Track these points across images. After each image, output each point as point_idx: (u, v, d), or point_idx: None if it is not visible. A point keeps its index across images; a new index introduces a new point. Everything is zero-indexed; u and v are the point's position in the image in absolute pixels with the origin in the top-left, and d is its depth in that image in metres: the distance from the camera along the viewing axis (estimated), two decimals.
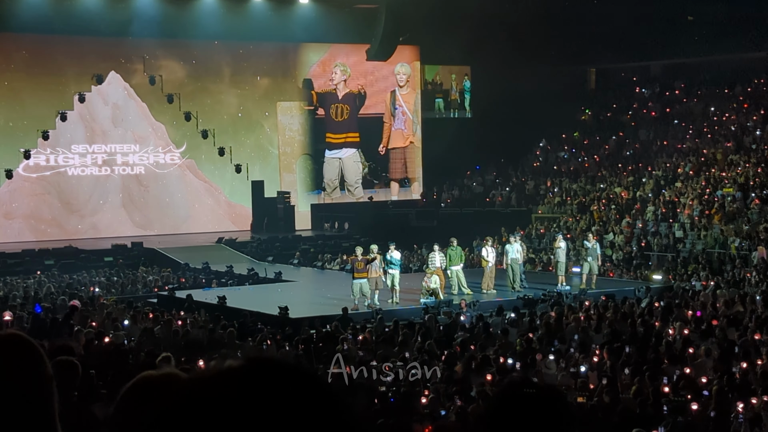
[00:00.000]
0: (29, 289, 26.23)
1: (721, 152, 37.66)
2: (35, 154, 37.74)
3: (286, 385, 1.40)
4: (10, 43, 37.50)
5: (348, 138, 44.21)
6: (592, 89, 50.55)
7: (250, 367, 1.43)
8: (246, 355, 1.47)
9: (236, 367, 1.42)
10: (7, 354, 1.98)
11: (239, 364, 1.43)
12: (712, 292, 23.38)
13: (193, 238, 38.47)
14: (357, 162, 44.47)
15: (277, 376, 1.41)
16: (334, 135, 44.02)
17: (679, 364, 14.38)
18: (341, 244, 36.05)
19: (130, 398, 2.08)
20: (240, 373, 1.42)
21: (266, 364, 1.43)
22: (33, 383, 2.00)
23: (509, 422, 2.29)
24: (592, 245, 26.55)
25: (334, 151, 44.05)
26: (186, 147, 40.90)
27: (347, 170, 44.25)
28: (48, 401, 2.02)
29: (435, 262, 24.83)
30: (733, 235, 30.11)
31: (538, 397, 2.29)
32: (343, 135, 44.12)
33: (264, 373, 1.41)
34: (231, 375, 1.42)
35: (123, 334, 17.34)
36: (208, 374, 1.43)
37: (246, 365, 1.43)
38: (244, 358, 1.44)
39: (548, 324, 18.33)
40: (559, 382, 13.72)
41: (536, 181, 42.12)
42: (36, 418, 1.97)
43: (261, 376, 1.41)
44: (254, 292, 27.28)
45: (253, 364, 1.43)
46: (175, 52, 39.71)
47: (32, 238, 36.92)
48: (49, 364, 2.08)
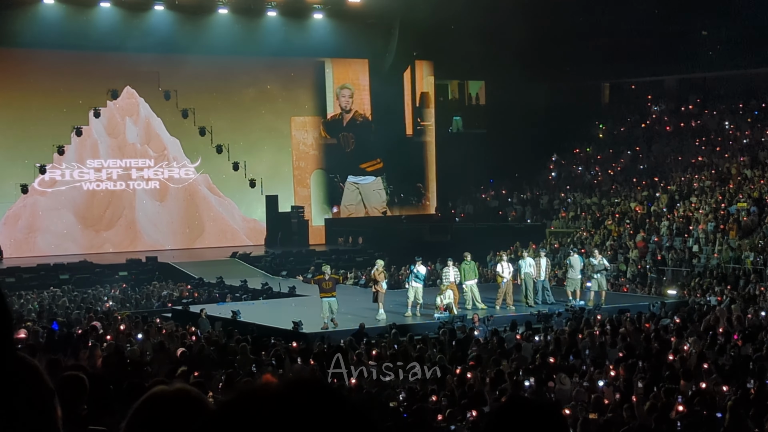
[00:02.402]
0: (44, 303, 26.31)
1: (736, 167, 37.55)
2: (51, 169, 37.93)
3: (320, 407, 1.44)
4: (25, 59, 37.70)
5: (371, 166, 44.31)
6: (606, 104, 50.50)
7: (287, 389, 1.46)
8: (282, 377, 1.51)
9: (274, 388, 1.46)
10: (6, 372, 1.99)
11: (276, 385, 1.47)
12: (727, 307, 23.27)
13: (208, 253, 38.53)
14: (379, 190, 44.45)
15: (313, 398, 1.45)
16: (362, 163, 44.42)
17: (694, 380, 14.31)
18: (355, 259, 36.05)
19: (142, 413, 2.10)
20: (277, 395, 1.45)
21: (302, 386, 1.47)
22: (34, 399, 2.02)
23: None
24: (599, 261, 26.45)
25: (359, 177, 44.16)
26: (200, 162, 41.02)
27: (367, 197, 44.31)
28: (51, 415, 2.05)
29: (449, 276, 24.78)
30: (748, 250, 29.98)
31: (536, 417, 2.30)
32: (366, 164, 44.24)
33: (300, 395, 1.45)
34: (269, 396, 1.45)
35: (137, 349, 17.36)
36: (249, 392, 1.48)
37: (282, 387, 1.46)
38: (280, 381, 1.48)
39: (558, 339, 18.28)
40: (573, 398, 13.67)
41: (550, 195, 42.06)
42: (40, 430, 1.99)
43: (298, 397, 1.44)
44: (268, 306, 27.27)
45: (289, 386, 1.47)
46: (190, 67, 39.86)
47: (47, 253, 37.04)
48: (48, 379, 2.10)
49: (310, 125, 43.68)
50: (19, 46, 36.99)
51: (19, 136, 37.68)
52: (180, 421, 1.99)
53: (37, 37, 36.42)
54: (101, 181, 39.37)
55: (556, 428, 2.34)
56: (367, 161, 44.09)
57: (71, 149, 38.38)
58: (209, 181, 41.39)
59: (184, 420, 1.98)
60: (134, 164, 40.00)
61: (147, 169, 40.23)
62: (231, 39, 39.82)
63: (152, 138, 40.42)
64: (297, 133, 43.51)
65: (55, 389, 2.08)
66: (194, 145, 40.69)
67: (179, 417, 2.03)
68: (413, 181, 45.27)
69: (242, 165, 40.38)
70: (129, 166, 39.88)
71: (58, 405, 2.07)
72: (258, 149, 41.96)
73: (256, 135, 42.15)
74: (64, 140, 37.93)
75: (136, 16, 38.83)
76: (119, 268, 34.27)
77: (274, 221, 40.88)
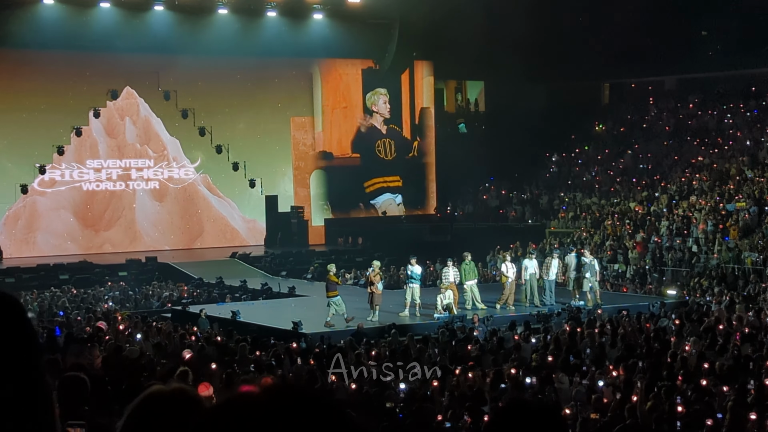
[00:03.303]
0: (44, 303, 26.31)
1: (735, 167, 37.55)
2: (50, 169, 37.93)
3: (306, 413, 1.46)
4: (25, 59, 37.66)
5: (387, 182, 44.34)
6: (606, 103, 50.51)
7: (271, 395, 1.49)
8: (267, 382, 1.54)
9: (257, 394, 1.49)
10: None
11: (259, 391, 1.50)
12: (726, 307, 23.27)
13: (207, 253, 38.54)
14: (397, 205, 44.53)
15: (297, 404, 1.47)
16: (372, 180, 44.26)
17: (694, 380, 14.30)
18: (355, 259, 36.05)
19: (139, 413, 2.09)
20: (261, 401, 1.48)
21: (287, 392, 1.49)
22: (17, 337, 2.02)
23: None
24: (590, 261, 26.43)
25: (378, 198, 44.15)
26: (200, 162, 41.02)
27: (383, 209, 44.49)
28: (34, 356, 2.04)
29: (449, 276, 24.77)
30: (748, 250, 29.98)
31: (536, 419, 2.30)
32: (380, 179, 44.24)
33: (285, 401, 1.47)
34: (253, 402, 1.48)
35: (137, 349, 17.35)
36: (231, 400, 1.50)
37: (266, 392, 1.49)
38: (262, 386, 1.51)
39: (557, 339, 18.28)
40: (573, 397, 13.67)
41: (550, 195, 42.06)
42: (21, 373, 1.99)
43: (283, 404, 1.47)
44: (267, 306, 27.27)
45: (273, 391, 1.50)
46: (190, 67, 39.83)
47: (47, 253, 37.05)
48: (31, 320, 2.10)
49: (310, 125, 43.65)
50: (18, 46, 36.97)
51: (19, 136, 37.66)
52: (176, 421, 1.99)
53: (36, 38, 36.41)
54: (101, 182, 39.36)
55: (556, 430, 2.33)
56: (382, 176, 44.17)
57: (71, 149, 38.38)
58: (209, 181, 41.38)
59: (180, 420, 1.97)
60: (134, 164, 40.00)
61: (147, 170, 40.22)
62: (231, 39, 39.79)
63: (152, 138, 40.41)
64: (297, 133, 43.49)
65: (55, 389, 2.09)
66: (194, 145, 40.68)
67: (176, 417, 2.02)
68: (416, 183, 45.24)
69: (242, 165, 40.37)
70: (129, 167, 39.88)
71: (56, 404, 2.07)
72: (258, 149, 41.93)
73: (256, 135, 42.13)
74: (64, 140, 37.95)
75: (135, 16, 38.82)
76: (119, 268, 34.26)
77: (273, 221, 40.87)
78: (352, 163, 43.86)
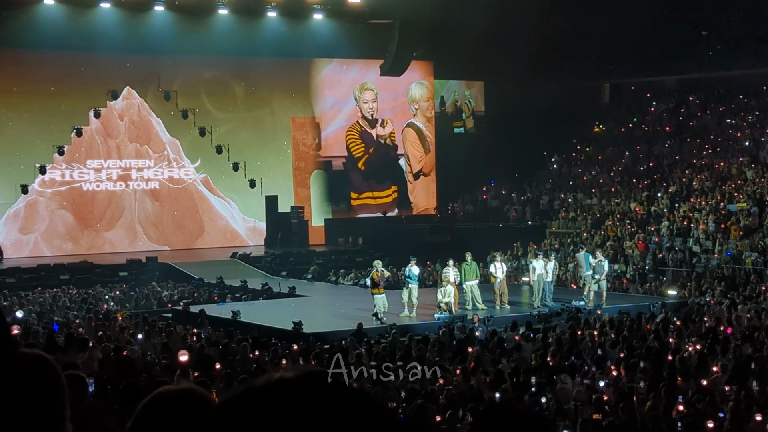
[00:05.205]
0: (44, 303, 26.29)
1: (736, 167, 37.54)
2: (51, 169, 37.91)
3: (337, 400, 1.41)
4: (25, 59, 37.67)
5: (377, 198, 44.34)
6: (606, 104, 50.50)
7: (303, 380, 1.43)
8: (297, 369, 1.47)
9: (288, 379, 1.42)
10: (33, 371, 2.04)
11: (291, 375, 1.43)
12: (727, 307, 23.26)
13: (208, 253, 38.53)
14: None
15: (328, 391, 1.42)
16: (364, 194, 44.24)
17: (695, 380, 14.30)
18: (355, 259, 36.03)
19: (148, 413, 2.09)
20: (293, 387, 1.42)
21: (317, 378, 1.43)
22: (53, 397, 2.05)
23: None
24: (598, 261, 26.43)
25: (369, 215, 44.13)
26: (200, 162, 41.00)
27: None
28: (63, 409, 2.07)
29: (449, 277, 24.77)
30: (749, 250, 29.97)
31: (517, 426, 2.24)
32: (369, 194, 44.23)
33: (316, 387, 1.42)
34: (284, 388, 1.42)
35: (138, 349, 17.35)
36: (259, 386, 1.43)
37: (298, 378, 1.43)
38: (296, 371, 1.44)
39: (559, 339, 18.27)
40: (573, 397, 13.66)
41: (550, 196, 42.04)
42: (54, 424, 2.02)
43: (314, 390, 1.41)
44: (268, 306, 27.26)
45: (305, 377, 1.43)
46: (190, 67, 39.84)
47: (47, 253, 37.05)
48: (63, 377, 2.12)
49: (310, 125, 43.65)
50: (19, 46, 36.97)
51: (19, 137, 37.66)
52: (186, 421, 1.99)
53: (37, 38, 36.41)
54: (101, 182, 39.34)
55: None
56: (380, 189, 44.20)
57: (71, 150, 38.36)
58: (209, 181, 41.37)
59: (189, 419, 1.97)
60: (134, 164, 39.98)
61: (147, 170, 40.21)
62: (231, 39, 39.80)
63: (152, 138, 40.40)
64: (297, 133, 43.48)
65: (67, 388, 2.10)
66: (194, 145, 40.66)
67: (185, 416, 2.02)
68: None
69: (242, 165, 40.35)
70: (129, 167, 39.86)
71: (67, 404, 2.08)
72: (258, 149, 41.91)
73: (256, 135, 42.11)
74: (64, 140, 37.93)
75: (136, 16, 38.81)
76: (119, 268, 34.25)
77: (274, 221, 40.85)
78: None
